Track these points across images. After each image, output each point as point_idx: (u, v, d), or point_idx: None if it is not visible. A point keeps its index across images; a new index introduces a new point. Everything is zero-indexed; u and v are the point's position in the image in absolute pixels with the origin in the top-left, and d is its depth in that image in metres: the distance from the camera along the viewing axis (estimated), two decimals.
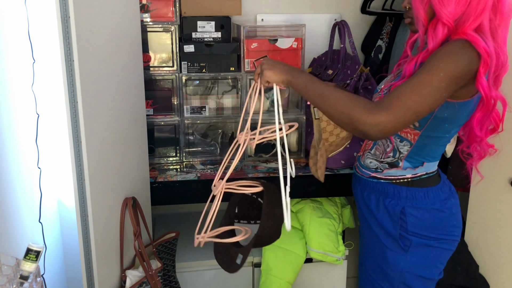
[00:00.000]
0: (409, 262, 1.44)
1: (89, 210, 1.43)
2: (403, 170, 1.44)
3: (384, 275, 1.49)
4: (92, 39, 1.41)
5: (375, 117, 1.15)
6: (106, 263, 1.58)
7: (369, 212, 1.51)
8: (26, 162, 1.68)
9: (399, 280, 1.46)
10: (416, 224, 1.42)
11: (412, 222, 1.41)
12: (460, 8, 1.25)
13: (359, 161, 1.58)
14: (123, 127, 1.67)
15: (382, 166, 1.47)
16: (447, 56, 1.21)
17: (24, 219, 1.64)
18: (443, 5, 1.26)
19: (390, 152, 1.45)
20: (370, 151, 1.52)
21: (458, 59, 1.21)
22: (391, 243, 1.45)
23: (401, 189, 1.44)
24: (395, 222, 1.43)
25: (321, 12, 2.35)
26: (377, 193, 1.48)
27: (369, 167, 1.51)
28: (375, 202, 1.48)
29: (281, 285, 2.07)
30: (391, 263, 1.46)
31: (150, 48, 2.08)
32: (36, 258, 1.36)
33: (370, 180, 1.51)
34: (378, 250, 1.49)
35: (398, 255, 1.44)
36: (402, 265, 1.44)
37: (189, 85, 2.15)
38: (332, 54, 2.22)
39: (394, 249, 1.45)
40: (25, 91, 1.67)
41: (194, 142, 2.22)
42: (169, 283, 1.88)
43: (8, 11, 1.57)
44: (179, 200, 2.06)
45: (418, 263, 1.44)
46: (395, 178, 1.45)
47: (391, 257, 1.45)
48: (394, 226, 1.44)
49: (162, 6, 2.03)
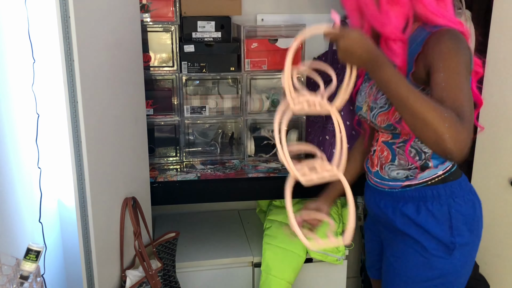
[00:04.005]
0: (453, 265, 1.40)
1: (89, 210, 1.43)
2: (435, 168, 1.39)
3: (425, 283, 1.42)
4: (92, 39, 1.41)
5: (460, 135, 1.05)
6: (106, 263, 1.58)
7: (408, 222, 1.42)
8: (26, 162, 1.68)
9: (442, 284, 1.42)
10: (461, 221, 1.37)
11: (456, 219, 1.37)
12: (402, 17, 1.25)
13: (378, 177, 1.48)
14: (123, 127, 1.67)
15: (412, 172, 1.40)
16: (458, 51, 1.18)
17: (24, 219, 1.64)
18: (382, 24, 1.25)
19: (415, 156, 1.39)
20: (392, 163, 1.43)
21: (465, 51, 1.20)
22: (436, 248, 1.39)
23: (438, 188, 1.38)
24: (443, 224, 1.37)
25: (321, 12, 2.35)
26: (415, 200, 1.41)
27: (397, 178, 1.43)
28: (415, 209, 1.41)
29: (281, 285, 2.07)
30: (435, 268, 1.40)
31: (150, 48, 2.08)
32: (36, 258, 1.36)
33: (404, 190, 1.42)
34: (421, 259, 1.41)
35: (443, 260, 1.39)
36: (447, 268, 1.40)
37: (189, 85, 2.15)
38: (332, 54, 2.22)
39: (439, 254, 1.39)
40: (25, 91, 1.67)
41: (194, 142, 2.22)
42: (169, 283, 1.88)
43: (8, 11, 1.57)
44: (179, 200, 2.06)
45: (462, 263, 1.41)
46: (430, 179, 1.39)
47: (436, 263, 1.40)
48: (441, 229, 1.38)
49: (162, 6, 2.03)
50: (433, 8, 1.26)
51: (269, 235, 2.16)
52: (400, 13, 1.26)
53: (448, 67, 1.16)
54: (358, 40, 1.10)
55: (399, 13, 1.25)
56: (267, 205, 2.41)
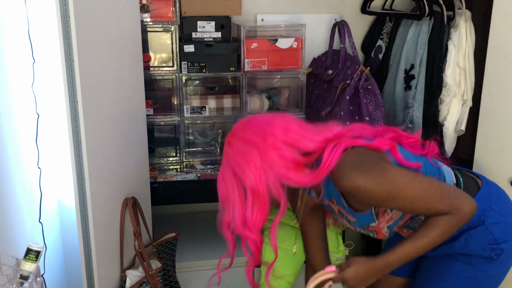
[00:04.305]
0: (498, 269, 1.39)
1: (89, 210, 1.43)
2: None
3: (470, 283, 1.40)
4: (92, 39, 1.41)
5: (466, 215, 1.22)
6: (106, 263, 1.58)
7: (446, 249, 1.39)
8: (26, 162, 1.68)
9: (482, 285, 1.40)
10: (501, 229, 1.35)
11: (497, 229, 1.34)
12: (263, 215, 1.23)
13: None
14: (123, 127, 1.67)
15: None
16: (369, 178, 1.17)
17: (24, 219, 1.64)
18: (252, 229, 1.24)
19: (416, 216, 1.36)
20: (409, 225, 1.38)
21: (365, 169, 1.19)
22: (480, 262, 1.37)
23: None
24: (482, 242, 1.34)
25: (321, 12, 2.35)
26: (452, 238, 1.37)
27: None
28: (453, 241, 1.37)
29: (281, 285, 2.07)
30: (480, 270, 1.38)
31: (150, 48, 2.08)
32: (36, 258, 1.36)
33: None
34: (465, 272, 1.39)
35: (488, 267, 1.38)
36: (492, 272, 1.39)
37: (189, 85, 2.15)
38: (332, 54, 2.22)
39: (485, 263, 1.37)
40: (25, 91, 1.67)
41: (194, 142, 2.22)
42: (169, 283, 1.88)
43: (8, 11, 1.58)
44: (179, 200, 2.06)
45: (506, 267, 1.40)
46: None
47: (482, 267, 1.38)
48: (482, 247, 1.35)
49: (162, 6, 2.03)
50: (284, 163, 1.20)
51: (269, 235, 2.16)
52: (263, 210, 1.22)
53: (389, 199, 1.20)
54: (359, 271, 1.24)
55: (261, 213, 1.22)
56: None
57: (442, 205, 1.21)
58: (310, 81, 2.26)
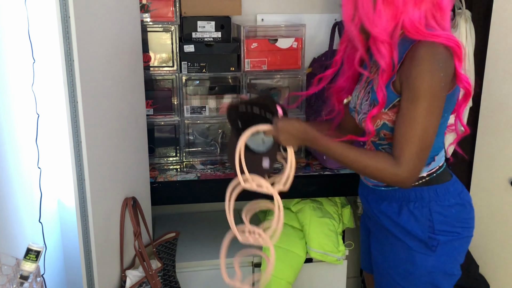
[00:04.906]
0: (437, 262, 1.41)
1: (89, 210, 1.43)
2: None
3: (412, 278, 1.45)
4: (92, 39, 1.41)
5: (401, 174, 1.25)
6: (106, 263, 1.58)
7: (390, 221, 1.47)
8: (26, 162, 1.68)
9: (427, 281, 1.43)
10: (442, 222, 1.40)
11: (438, 221, 1.39)
12: (393, 21, 1.26)
13: None
14: (123, 127, 1.67)
15: None
16: (426, 75, 1.21)
17: (24, 219, 1.64)
18: (374, 24, 1.27)
19: None
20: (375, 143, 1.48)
21: (435, 73, 1.21)
22: (418, 246, 1.42)
23: (422, 190, 1.41)
24: (423, 225, 1.40)
25: (321, 12, 2.35)
26: (399, 200, 1.44)
27: None
28: (398, 209, 1.44)
29: (281, 285, 2.07)
30: (419, 265, 1.42)
31: (150, 48, 2.08)
32: (36, 258, 1.36)
33: (388, 189, 1.46)
34: (404, 255, 1.45)
35: (426, 256, 1.41)
36: (431, 265, 1.42)
37: (189, 85, 2.15)
38: (332, 54, 2.22)
39: (421, 251, 1.42)
40: (25, 91, 1.67)
41: (194, 142, 2.22)
42: (169, 283, 1.88)
43: (8, 11, 1.58)
44: (179, 200, 2.06)
45: (445, 260, 1.42)
46: None
47: (420, 259, 1.42)
48: (421, 229, 1.40)
49: (162, 6, 2.03)
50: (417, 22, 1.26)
51: None
52: (392, 16, 1.26)
53: (412, 98, 1.24)
54: (291, 124, 1.33)
55: (391, 16, 1.26)
56: None
57: (409, 148, 1.24)
58: (310, 81, 2.26)
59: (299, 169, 2.11)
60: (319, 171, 2.10)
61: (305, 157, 2.25)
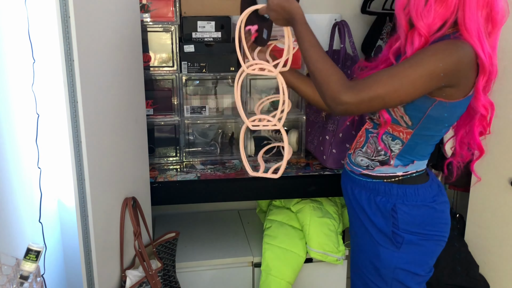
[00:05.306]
0: (401, 259, 1.45)
1: (89, 210, 1.43)
2: (394, 167, 1.45)
3: (377, 272, 1.50)
4: (92, 39, 1.41)
5: (343, 96, 1.21)
6: (106, 263, 1.58)
7: (360, 209, 1.52)
8: (26, 162, 1.68)
9: (391, 277, 1.47)
10: (407, 221, 1.43)
11: (403, 219, 1.43)
12: (440, 19, 1.28)
13: (349, 159, 1.58)
14: (123, 127, 1.67)
15: (373, 164, 1.48)
16: (433, 53, 1.23)
17: (24, 219, 1.64)
18: (420, 17, 1.29)
19: (381, 150, 1.46)
20: (361, 149, 1.52)
21: (443, 57, 1.22)
22: (384, 240, 1.46)
23: (392, 187, 1.45)
24: (387, 219, 1.44)
25: (321, 12, 2.35)
26: (368, 190, 1.49)
27: (360, 165, 1.52)
28: (367, 199, 1.49)
29: (281, 285, 2.07)
30: (383, 260, 1.47)
31: (150, 48, 2.08)
32: (36, 258, 1.36)
33: (361, 177, 1.51)
34: (370, 248, 1.50)
35: (390, 251, 1.45)
36: (395, 261, 1.45)
37: (189, 85, 2.15)
38: (332, 54, 2.22)
39: (386, 246, 1.46)
40: (25, 91, 1.67)
41: (194, 142, 2.22)
42: (169, 283, 1.88)
43: (8, 11, 1.57)
44: (179, 200, 2.06)
45: (410, 259, 1.45)
46: (386, 175, 1.47)
47: (384, 254, 1.46)
48: (386, 223, 1.45)
49: (162, 6, 2.03)
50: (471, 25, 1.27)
51: (269, 235, 2.16)
52: (441, 15, 1.28)
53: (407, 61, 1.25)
54: (280, 4, 1.41)
55: (440, 15, 1.28)
56: (267, 205, 2.41)
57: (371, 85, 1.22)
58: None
59: (299, 169, 2.11)
60: (319, 171, 2.10)
61: (305, 157, 2.25)
